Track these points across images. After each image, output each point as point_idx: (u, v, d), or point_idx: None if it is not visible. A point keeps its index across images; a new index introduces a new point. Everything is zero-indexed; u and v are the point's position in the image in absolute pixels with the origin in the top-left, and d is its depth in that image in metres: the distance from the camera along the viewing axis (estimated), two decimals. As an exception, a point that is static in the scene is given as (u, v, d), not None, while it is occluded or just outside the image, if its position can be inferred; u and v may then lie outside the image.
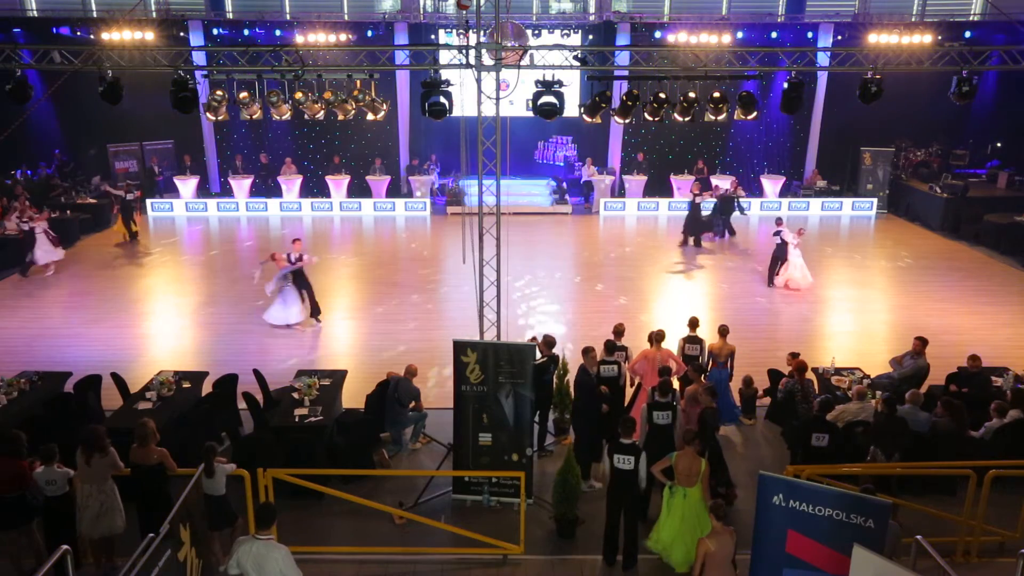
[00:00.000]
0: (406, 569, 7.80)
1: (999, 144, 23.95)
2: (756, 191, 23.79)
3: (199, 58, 19.71)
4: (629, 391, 10.27)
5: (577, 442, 9.34)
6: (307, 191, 23.56)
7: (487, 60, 9.97)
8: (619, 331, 10.35)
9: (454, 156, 22.75)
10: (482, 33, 10.53)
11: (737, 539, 6.64)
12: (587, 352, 9.32)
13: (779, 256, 16.13)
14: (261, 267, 14.49)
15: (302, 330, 13.85)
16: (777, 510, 6.17)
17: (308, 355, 12.85)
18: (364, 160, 23.83)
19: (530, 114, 11.67)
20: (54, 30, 21.11)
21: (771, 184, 23.57)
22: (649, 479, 7.88)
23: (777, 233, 16.10)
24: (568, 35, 22.45)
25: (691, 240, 19.47)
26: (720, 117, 15.78)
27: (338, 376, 10.52)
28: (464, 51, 10.12)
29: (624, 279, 16.85)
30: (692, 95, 14.64)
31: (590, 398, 9.20)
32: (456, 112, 11.87)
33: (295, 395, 9.68)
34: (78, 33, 20.81)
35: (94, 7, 22.73)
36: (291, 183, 23.20)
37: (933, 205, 21.50)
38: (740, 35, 21.93)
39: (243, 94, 18.04)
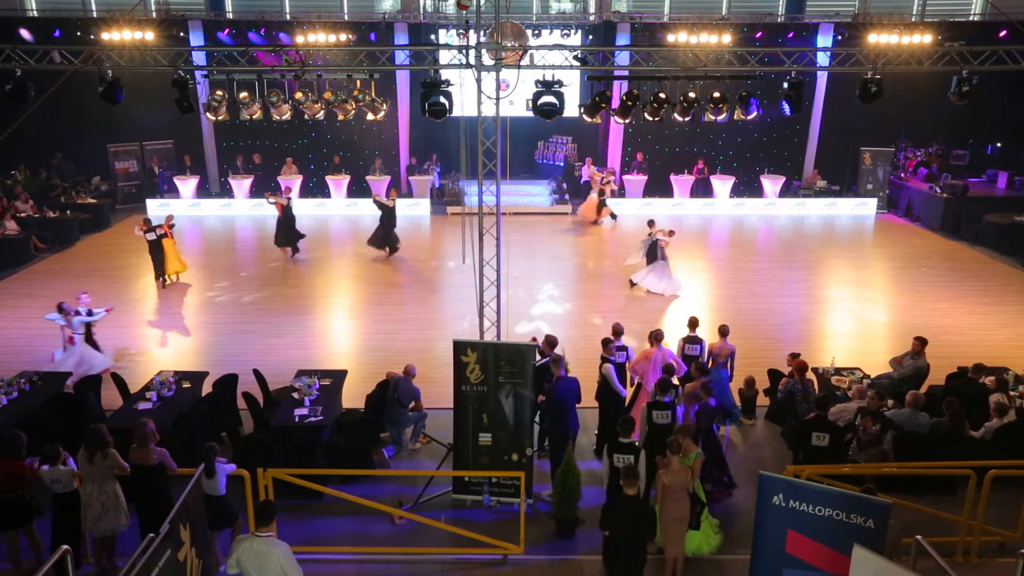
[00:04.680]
0: (406, 569, 7.80)
1: (999, 144, 23.96)
2: (756, 191, 23.80)
3: (199, 58, 19.71)
4: (629, 390, 10.27)
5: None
6: (307, 191, 23.56)
7: (487, 60, 9.98)
8: (617, 331, 10.33)
9: (454, 156, 22.76)
10: (482, 33, 10.55)
11: (691, 475, 7.36)
12: (557, 361, 9.08)
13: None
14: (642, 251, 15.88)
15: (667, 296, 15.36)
16: (777, 510, 6.18)
17: (308, 355, 12.85)
18: (364, 160, 23.84)
19: (530, 114, 11.68)
20: (56, 33, 21.12)
21: (771, 184, 23.57)
22: (648, 479, 7.87)
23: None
24: (568, 35, 22.45)
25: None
26: (720, 117, 15.83)
27: (338, 376, 10.52)
28: (464, 51, 10.13)
29: (624, 279, 16.84)
30: (692, 95, 14.66)
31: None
32: (456, 112, 11.88)
33: (295, 395, 9.69)
34: (78, 34, 20.80)
35: (94, 7, 22.75)
36: (291, 183, 23.19)
37: (933, 205, 21.51)
38: (739, 35, 21.91)
39: (243, 94, 18.03)
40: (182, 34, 21.82)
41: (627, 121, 16.34)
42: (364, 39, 21.94)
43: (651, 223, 16.27)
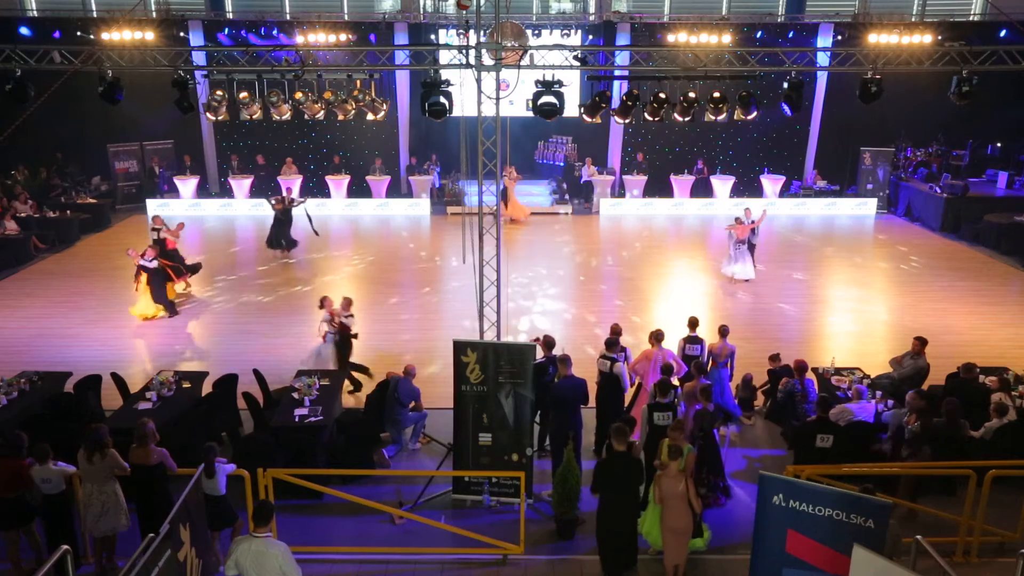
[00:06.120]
0: (406, 569, 7.81)
1: (999, 144, 23.95)
2: (756, 191, 23.79)
3: (199, 58, 19.70)
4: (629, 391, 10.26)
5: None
6: (307, 191, 23.55)
7: (487, 60, 9.97)
8: (616, 331, 10.32)
9: (454, 156, 22.76)
10: (482, 33, 10.55)
11: (687, 481, 7.19)
12: (564, 360, 9.11)
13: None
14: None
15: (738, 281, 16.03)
16: (777, 510, 6.18)
17: (307, 355, 12.82)
18: (364, 160, 23.84)
19: (530, 114, 11.67)
20: (55, 34, 21.11)
21: (771, 184, 23.56)
22: (648, 479, 7.87)
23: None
24: (568, 35, 22.45)
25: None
26: (720, 117, 15.83)
27: (338, 376, 10.51)
28: (464, 51, 10.13)
29: (624, 279, 16.85)
30: (692, 95, 14.65)
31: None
32: (456, 112, 11.86)
33: (295, 395, 9.69)
34: (78, 34, 20.79)
35: (94, 7, 22.75)
36: (291, 183, 23.20)
37: (933, 205, 21.50)
38: (739, 35, 21.91)
39: (243, 94, 18.01)
40: (182, 34, 21.82)
41: (627, 121, 16.34)
42: (364, 39, 21.95)
43: (747, 212, 16.53)
